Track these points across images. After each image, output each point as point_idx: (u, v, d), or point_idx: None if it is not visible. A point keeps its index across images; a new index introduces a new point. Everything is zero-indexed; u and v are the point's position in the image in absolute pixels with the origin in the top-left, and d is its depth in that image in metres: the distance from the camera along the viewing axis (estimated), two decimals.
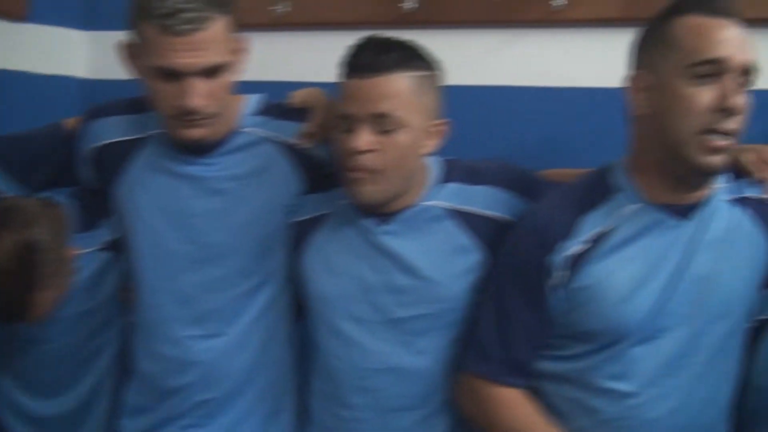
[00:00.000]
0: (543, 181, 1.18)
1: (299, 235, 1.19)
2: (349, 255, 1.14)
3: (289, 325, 1.27)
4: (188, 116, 1.08)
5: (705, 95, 0.93)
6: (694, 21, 0.95)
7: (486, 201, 1.13)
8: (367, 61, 1.04)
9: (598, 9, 1.46)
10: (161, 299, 1.21)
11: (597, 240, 1.00)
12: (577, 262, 1.00)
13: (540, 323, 1.03)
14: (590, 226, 1.01)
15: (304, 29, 1.69)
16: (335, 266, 1.15)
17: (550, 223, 1.03)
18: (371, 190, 1.06)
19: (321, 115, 1.20)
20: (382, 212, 1.11)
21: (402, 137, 1.04)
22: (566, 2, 1.45)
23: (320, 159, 1.22)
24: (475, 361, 1.07)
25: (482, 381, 1.06)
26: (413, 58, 1.07)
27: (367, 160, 1.04)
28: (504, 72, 1.56)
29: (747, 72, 0.94)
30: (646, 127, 1.00)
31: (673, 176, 0.99)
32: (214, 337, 1.20)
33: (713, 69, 0.93)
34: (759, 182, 1.06)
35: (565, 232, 1.01)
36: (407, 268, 1.11)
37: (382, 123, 1.03)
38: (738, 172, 1.06)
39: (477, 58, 1.57)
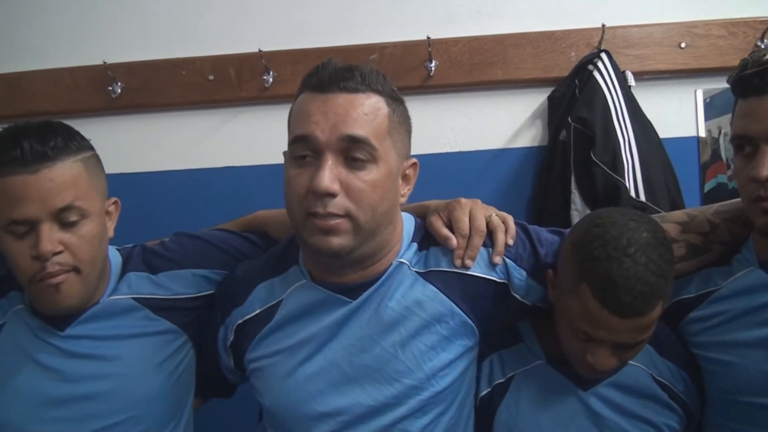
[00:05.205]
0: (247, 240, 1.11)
1: None
2: None
3: None
4: None
5: (301, 178, 0.87)
6: (302, 97, 0.90)
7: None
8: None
9: None
10: None
11: (267, 312, 0.97)
12: (246, 332, 0.97)
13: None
14: (262, 295, 0.98)
15: None
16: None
17: (230, 289, 1.01)
18: None
19: None
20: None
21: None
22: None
23: None
24: None
25: None
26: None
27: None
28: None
29: (352, 141, 0.85)
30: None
31: (313, 258, 0.95)
32: None
33: (305, 147, 0.86)
34: (445, 249, 0.96)
35: (240, 299, 0.99)
36: None
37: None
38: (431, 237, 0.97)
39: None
